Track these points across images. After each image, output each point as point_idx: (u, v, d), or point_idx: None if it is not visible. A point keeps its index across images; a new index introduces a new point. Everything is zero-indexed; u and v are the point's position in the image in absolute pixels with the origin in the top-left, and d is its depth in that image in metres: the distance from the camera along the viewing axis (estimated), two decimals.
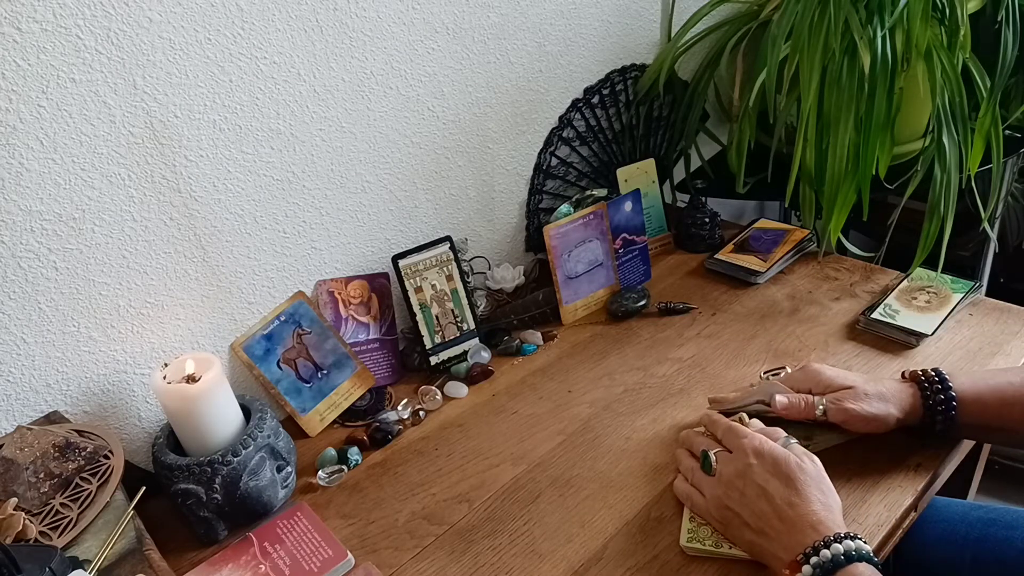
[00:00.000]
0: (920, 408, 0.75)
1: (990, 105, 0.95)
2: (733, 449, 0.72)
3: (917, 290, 1.00)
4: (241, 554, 0.75)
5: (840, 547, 0.60)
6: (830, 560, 0.60)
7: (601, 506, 0.77)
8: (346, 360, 0.95)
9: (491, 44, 1.00)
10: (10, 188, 0.68)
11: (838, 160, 0.96)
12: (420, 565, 0.74)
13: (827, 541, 0.61)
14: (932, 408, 0.74)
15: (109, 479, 0.69)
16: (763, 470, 0.68)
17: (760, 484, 0.67)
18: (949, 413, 0.73)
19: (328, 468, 0.85)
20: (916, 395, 0.75)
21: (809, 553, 0.61)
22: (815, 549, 0.61)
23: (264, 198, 0.86)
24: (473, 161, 1.06)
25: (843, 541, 0.61)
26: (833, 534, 0.61)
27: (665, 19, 1.22)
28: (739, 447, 0.71)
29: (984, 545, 0.83)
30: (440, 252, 0.99)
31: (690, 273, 1.14)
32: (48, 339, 0.75)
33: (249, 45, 0.79)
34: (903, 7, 0.90)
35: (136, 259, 0.78)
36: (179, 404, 0.74)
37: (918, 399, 0.75)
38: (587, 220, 1.05)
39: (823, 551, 0.60)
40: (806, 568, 0.61)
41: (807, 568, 0.60)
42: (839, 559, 0.60)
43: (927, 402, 0.74)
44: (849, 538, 0.61)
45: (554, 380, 0.96)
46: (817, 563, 0.60)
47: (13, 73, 0.65)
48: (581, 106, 1.15)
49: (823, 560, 0.60)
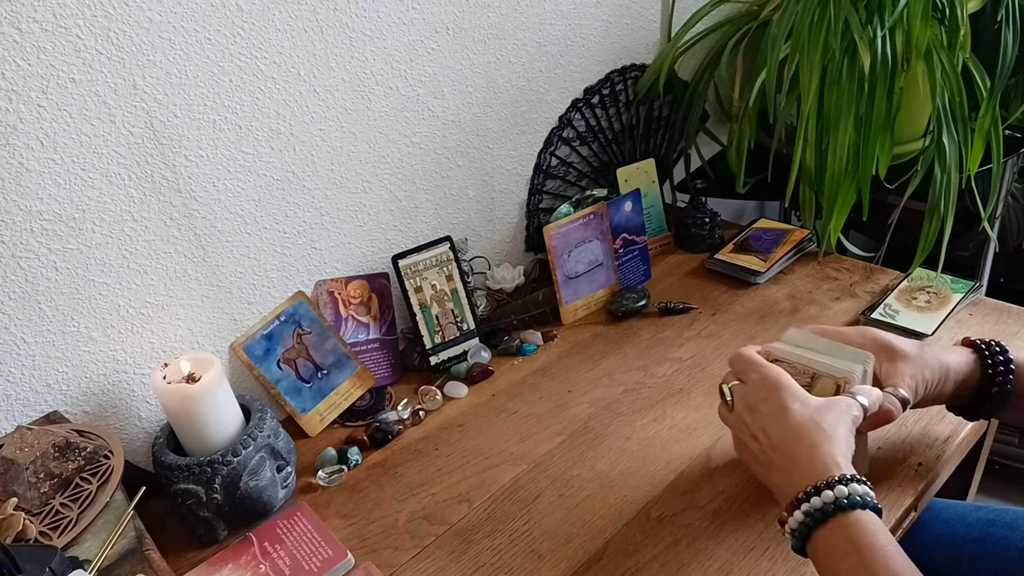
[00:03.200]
0: (978, 374, 0.71)
1: (990, 105, 0.95)
2: (747, 380, 0.68)
3: (917, 290, 1.00)
4: (241, 554, 0.75)
5: (844, 489, 0.54)
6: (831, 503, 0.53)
7: (601, 506, 0.77)
8: (346, 360, 0.95)
9: (491, 44, 1.00)
10: (10, 188, 0.68)
11: (838, 160, 0.96)
12: (420, 565, 0.74)
13: (829, 483, 0.54)
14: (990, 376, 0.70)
15: (109, 479, 0.69)
16: (771, 398, 0.63)
17: (765, 414, 0.63)
18: (1008, 378, 0.69)
19: (328, 468, 0.85)
20: (976, 365, 0.71)
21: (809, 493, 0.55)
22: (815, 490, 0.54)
23: (264, 198, 0.86)
24: (473, 161, 1.06)
25: (848, 484, 0.54)
26: (837, 475, 0.55)
27: (665, 19, 1.22)
28: (751, 379, 0.67)
29: (983, 545, 0.83)
30: (440, 252, 0.99)
31: (690, 273, 1.14)
32: (48, 339, 0.75)
33: (249, 45, 0.79)
34: (903, 7, 0.90)
35: (136, 259, 0.78)
36: (179, 404, 0.74)
37: (976, 369, 0.71)
38: (587, 220, 1.05)
39: (824, 492, 0.54)
40: (797, 513, 0.55)
41: (798, 513, 0.55)
42: (842, 503, 0.53)
43: (986, 370, 0.71)
44: (855, 481, 0.54)
45: (554, 380, 0.96)
46: (809, 509, 0.54)
47: (13, 73, 0.65)
48: (581, 106, 1.15)
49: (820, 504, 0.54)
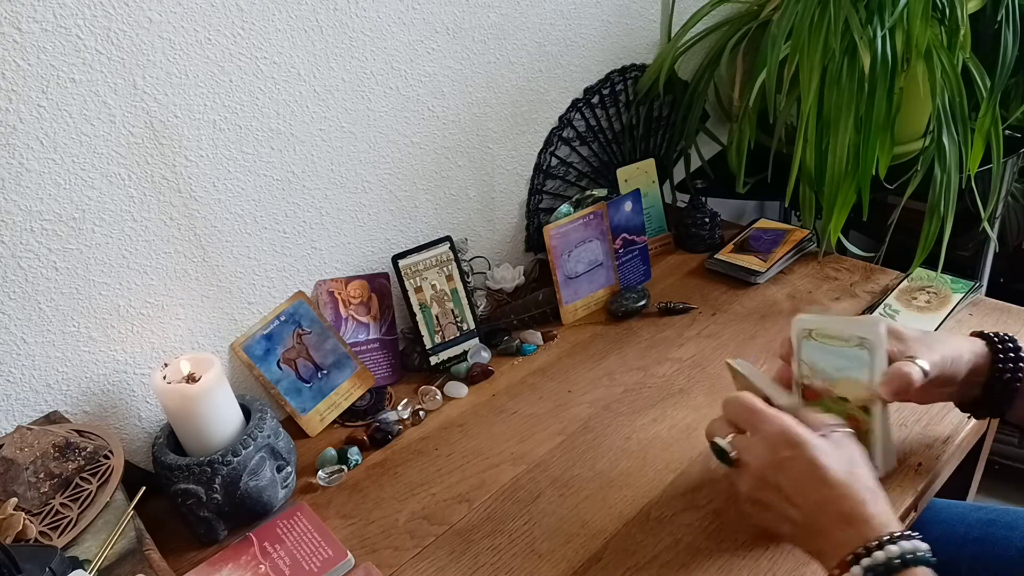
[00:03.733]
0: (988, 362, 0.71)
1: (990, 105, 0.95)
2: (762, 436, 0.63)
3: (917, 290, 1.00)
4: (241, 554, 0.75)
5: (895, 549, 0.55)
6: (883, 563, 0.54)
7: (601, 506, 0.77)
8: (346, 360, 0.95)
9: (491, 44, 1.00)
10: (10, 188, 0.68)
11: (838, 160, 0.96)
12: (420, 565, 0.74)
13: (879, 543, 0.55)
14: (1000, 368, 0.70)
15: (109, 479, 0.69)
16: (800, 455, 0.60)
17: (799, 474, 0.60)
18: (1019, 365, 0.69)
19: (328, 468, 0.85)
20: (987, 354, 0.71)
21: (859, 554, 0.55)
22: (866, 551, 0.55)
23: (264, 198, 0.86)
24: (473, 161, 1.06)
25: (898, 542, 0.55)
26: (888, 533, 0.56)
27: (665, 19, 1.22)
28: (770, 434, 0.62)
29: (983, 545, 0.83)
30: (440, 252, 0.99)
31: (690, 273, 1.14)
32: (48, 339, 0.75)
33: (249, 45, 0.79)
34: (903, 7, 0.90)
35: (136, 259, 0.78)
36: (179, 404, 0.74)
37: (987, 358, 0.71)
38: (587, 220, 1.05)
39: (875, 553, 0.55)
40: (855, 569, 0.55)
41: (856, 569, 0.55)
42: (893, 564, 0.54)
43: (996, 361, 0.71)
44: (905, 538, 0.55)
45: (554, 380, 0.96)
46: (870, 565, 0.54)
47: (13, 73, 0.65)
48: (581, 106, 1.15)
49: (875, 562, 0.54)
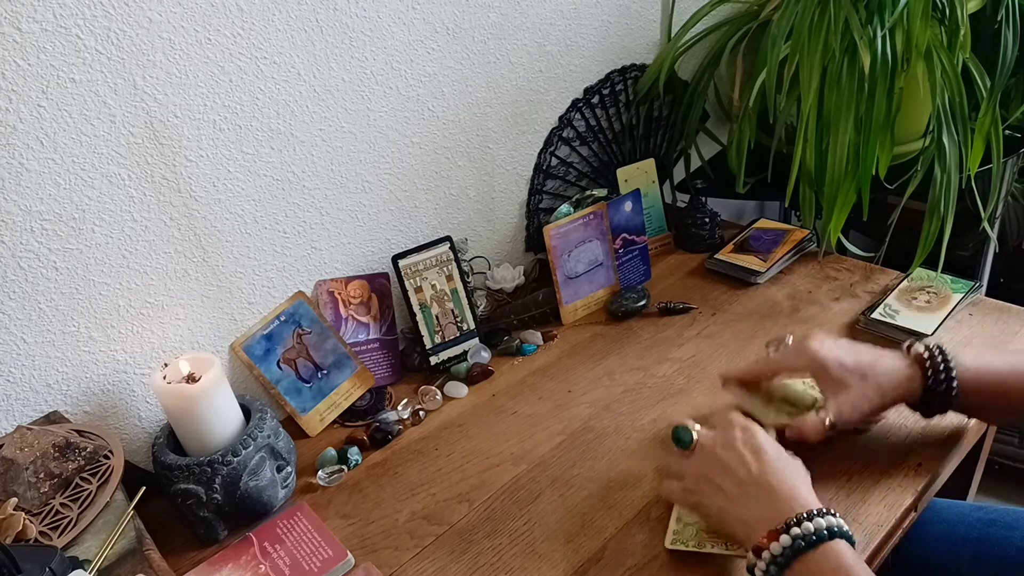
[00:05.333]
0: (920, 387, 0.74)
1: (990, 105, 0.95)
2: (719, 424, 0.72)
3: (917, 290, 1.00)
4: (241, 554, 0.75)
5: (823, 522, 0.60)
6: (812, 533, 0.60)
7: (601, 506, 0.77)
8: (346, 360, 0.95)
9: (491, 44, 1.00)
10: (10, 188, 0.68)
11: (838, 160, 0.96)
12: (420, 565, 0.74)
13: (809, 515, 0.61)
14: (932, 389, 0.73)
15: (109, 479, 0.69)
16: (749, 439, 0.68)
17: (743, 451, 0.67)
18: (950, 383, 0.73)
19: (328, 468, 0.85)
20: (917, 376, 0.74)
21: (790, 523, 0.61)
22: (796, 520, 0.61)
23: (264, 198, 0.86)
24: (473, 161, 1.06)
25: (825, 516, 0.61)
26: (816, 508, 0.62)
27: (665, 19, 1.22)
28: (726, 422, 0.71)
29: (984, 545, 0.83)
30: (440, 252, 0.99)
31: (690, 273, 1.14)
32: (48, 339, 0.75)
33: (249, 45, 0.79)
34: (903, 7, 0.90)
35: (136, 259, 0.78)
36: (179, 404, 0.74)
37: (918, 380, 0.74)
38: (587, 220, 1.05)
39: (804, 523, 0.60)
40: (784, 538, 0.60)
41: (785, 538, 0.60)
42: (821, 534, 0.60)
43: (927, 383, 0.73)
44: (831, 514, 0.61)
45: (554, 380, 0.96)
46: (798, 534, 0.60)
47: (13, 73, 0.65)
48: (581, 106, 1.15)
49: (804, 532, 0.60)
